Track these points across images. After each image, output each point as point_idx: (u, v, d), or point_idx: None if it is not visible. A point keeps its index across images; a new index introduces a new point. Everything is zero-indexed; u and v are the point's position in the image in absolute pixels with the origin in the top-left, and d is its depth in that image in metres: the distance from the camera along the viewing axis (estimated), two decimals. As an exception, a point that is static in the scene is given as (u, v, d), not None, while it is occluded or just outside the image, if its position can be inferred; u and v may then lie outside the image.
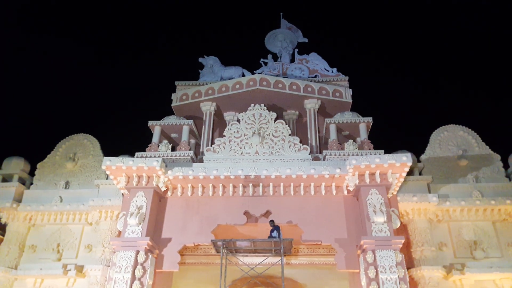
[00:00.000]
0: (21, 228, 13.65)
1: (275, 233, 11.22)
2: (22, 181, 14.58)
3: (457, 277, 11.81)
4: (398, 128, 26.52)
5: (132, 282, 10.50)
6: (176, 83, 15.68)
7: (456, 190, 13.06)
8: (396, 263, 10.28)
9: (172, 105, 14.90)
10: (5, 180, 14.47)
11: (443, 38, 31.53)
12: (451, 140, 14.26)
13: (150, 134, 14.03)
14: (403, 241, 10.66)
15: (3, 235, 13.81)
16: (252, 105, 13.55)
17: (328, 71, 15.69)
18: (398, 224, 11.23)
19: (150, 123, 14.09)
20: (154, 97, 30.30)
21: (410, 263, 12.14)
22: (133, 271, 10.63)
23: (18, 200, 13.86)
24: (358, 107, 14.59)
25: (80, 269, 12.68)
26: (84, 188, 14.07)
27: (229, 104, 14.80)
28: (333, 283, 16.18)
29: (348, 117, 13.63)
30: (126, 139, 25.21)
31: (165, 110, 15.14)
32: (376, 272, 10.23)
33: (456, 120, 14.68)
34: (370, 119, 13.49)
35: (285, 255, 11.74)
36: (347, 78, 15.31)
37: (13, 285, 12.89)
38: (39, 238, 13.67)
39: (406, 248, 12.23)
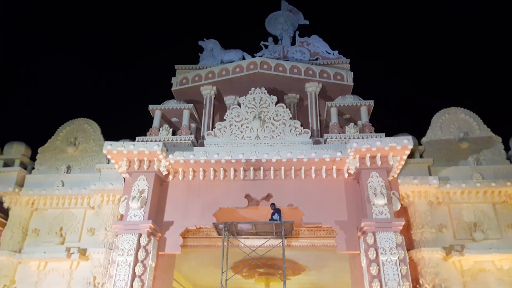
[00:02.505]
0: (23, 212, 13.74)
1: (276, 216, 11.33)
2: (23, 166, 14.61)
3: (456, 258, 11.92)
4: (399, 111, 26.44)
5: (135, 265, 10.64)
6: (176, 66, 15.57)
7: (457, 173, 13.07)
8: (396, 245, 10.38)
9: (172, 89, 14.82)
10: (6, 165, 14.50)
11: (443, 20, 31.14)
12: (453, 122, 14.20)
13: (150, 119, 14.01)
14: (403, 223, 10.76)
15: (6, 220, 13.91)
16: (253, 88, 13.47)
17: (330, 53, 15.53)
18: (399, 207, 11.31)
19: (151, 107, 14.05)
20: (154, 81, 30.20)
21: (410, 245, 12.25)
22: (136, 254, 10.76)
23: (20, 184, 13.92)
24: (359, 90, 14.52)
25: (83, 252, 12.81)
26: (85, 172, 14.10)
27: (230, 88, 14.72)
28: (334, 264, 16.46)
29: (349, 100, 13.56)
30: (126, 124, 25.21)
31: (165, 94, 15.09)
32: (377, 253, 10.35)
33: (457, 102, 14.61)
34: (371, 102, 13.43)
35: (286, 237, 11.85)
36: (348, 60, 15.16)
37: (17, 269, 13.04)
38: (42, 222, 13.77)
39: (406, 230, 12.32)
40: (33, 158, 14.88)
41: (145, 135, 13.24)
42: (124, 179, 12.46)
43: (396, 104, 26.61)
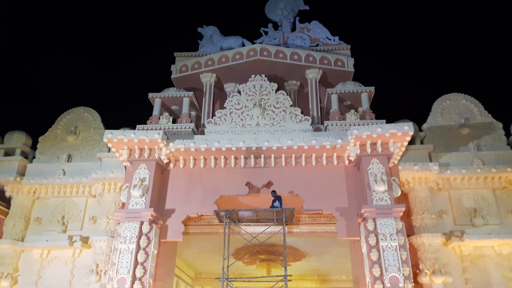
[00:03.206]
0: (25, 201, 13.81)
1: (277, 203, 11.39)
2: (24, 155, 14.62)
3: (456, 243, 12.00)
4: (400, 97, 26.32)
5: (137, 252, 10.73)
6: (176, 54, 15.44)
7: (457, 159, 13.08)
8: (396, 231, 10.45)
9: (171, 77, 14.73)
10: (7, 154, 14.51)
11: (445, 7, 30.79)
12: (453, 108, 14.14)
13: (150, 107, 13.96)
14: (403, 209, 10.80)
15: (8, 209, 13.99)
16: (253, 76, 13.40)
17: (330, 39, 15.36)
18: (399, 193, 11.34)
19: (150, 95, 13.98)
20: (154, 68, 30.04)
21: (410, 231, 12.32)
22: (138, 242, 10.84)
23: (22, 173, 13.95)
24: (360, 76, 14.42)
25: (85, 240, 12.91)
26: (86, 161, 14.12)
27: (230, 75, 14.62)
28: (334, 250, 16.61)
29: (350, 86, 13.48)
30: (126, 112, 25.15)
31: (165, 82, 15.00)
32: (377, 239, 10.41)
33: (458, 88, 14.52)
34: (372, 89, 13.35)
35: (287, 224, 11.93)
36: (349, 46, 15.01)
37: (20, 257, 13.16)
38: (44, 210, 13.84)
39: (407, 216, 12.38)
40: (33, 147, 14.89)
41: (145, 123, 13.22)
42: (125, 167, 12.49)
43: (396, 91, 26.50)
